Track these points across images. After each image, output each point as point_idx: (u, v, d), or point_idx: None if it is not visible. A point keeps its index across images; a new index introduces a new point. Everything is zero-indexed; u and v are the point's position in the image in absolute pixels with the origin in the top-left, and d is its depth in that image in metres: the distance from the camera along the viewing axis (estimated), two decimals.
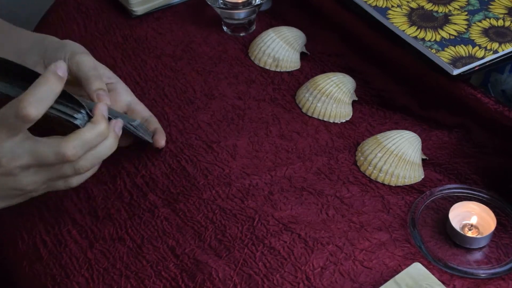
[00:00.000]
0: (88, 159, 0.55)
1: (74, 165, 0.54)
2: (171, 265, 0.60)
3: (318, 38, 0.85)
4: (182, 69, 0.81)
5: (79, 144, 0.53)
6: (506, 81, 0.75)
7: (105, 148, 0.56)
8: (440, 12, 0.76)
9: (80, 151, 0.54)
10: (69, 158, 0.53)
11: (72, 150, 0.53)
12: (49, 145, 0.52)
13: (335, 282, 0.57)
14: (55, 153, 0.52)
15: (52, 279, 0.59)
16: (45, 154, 0.52)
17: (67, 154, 0.52)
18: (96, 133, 0.54)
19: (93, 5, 0.93)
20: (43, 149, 0.52)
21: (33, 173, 0.54)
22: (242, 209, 0.64)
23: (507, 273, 0.57)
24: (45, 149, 0.52)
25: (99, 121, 0.55)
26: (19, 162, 0.52)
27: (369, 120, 0.74)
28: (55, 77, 0.51)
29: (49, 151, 0.52)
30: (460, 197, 0.64)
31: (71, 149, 0.53)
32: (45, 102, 0.51)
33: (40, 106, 0.50)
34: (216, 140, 0.71)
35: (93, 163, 0.56)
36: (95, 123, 0.55)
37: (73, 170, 0.55)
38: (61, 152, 0.52)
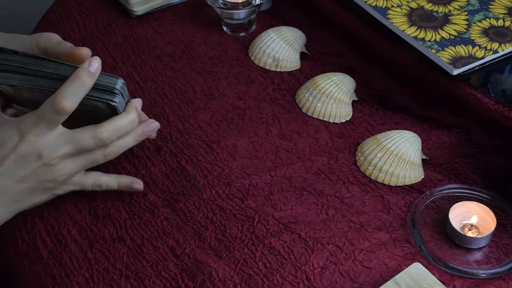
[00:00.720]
0: (116, 146, 0.62)
1: (104, 151, 0.61)
2: (171, 265, 0.60)
3: (318, 38, 0.85)
4: (182, 69, 0.81)
5: (113, 129, 0.60)
6: (506, 81, 0.75)
7: (130, 139, 0.63)
8: (440, 12, 0.76)
9: (114, 135, 0.60)
10: (104, 140, 0.60)
11: (107, 134, 0.60)
12: (87, 131, 0.59)
13: (335, 282, 0.57)
14: (92, 137, 0.59)
15: (52, 279, 0.59)
16: (84, 139, 0.59)
17: (103, 137, 0.59)
18: (128, 122, 0.61)
19: (93, 5, 0.93)
20: (82, 136, 0.59)
21: (70, 162, 0.60)
22: (242, 209, 0.64)
23: (507, 273, 0.57)
24: (83, 135, 0.59)
25: (132, 111, 0.62)
26: (60, 152, 0.58)
27: (369, 120, 0.74)
28: (87, 74, 0.58)
29: (87, 136, 0.59)
30: (460, 197, 0.64)
31: (106, 132, 0.59)
32: (78, 96, 0.57)
33: (74, 99, 0.57)
34: (216, 140, 0.71)
35: (120, 151, 0.62)
36: (128, 112, 0.61)
37: (102, 156, 0.61)
38: (98, 136, 0.59)
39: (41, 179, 0.59)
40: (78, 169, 0.61)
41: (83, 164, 0.61)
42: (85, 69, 0.58)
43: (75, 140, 0.59)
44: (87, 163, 0.61)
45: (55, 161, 0.58)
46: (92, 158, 0.61)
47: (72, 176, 0.61)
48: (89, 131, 0.59)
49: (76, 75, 0.57)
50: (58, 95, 0.57)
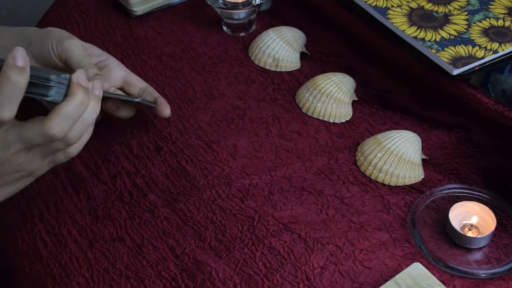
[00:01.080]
0: (76, 129, 0.54)
1: (64, 139, 0.54)
2: (171, 265, 0.60)
3: (318, 38, 0.85)
4: (182, 69, 0.81)
5: (62, 120, 0.52)
6: (506, 81, 0.75)
7: (89, 114, 0.55)
8: (440, 12, 0.76)
9: (66, 126, 0.52)
10: (56, 136, 0.52)
11: (57, 128, 0.52)
12: (33, 128, 0.51)
13: (335, 282, 0.57)
14: (41, 135, 0.52)
15: (52, 279, 0.59)
16: (32, 137, 0.52)
17: (53, 134, 0.52)
18: (75, 105, 0.53)
19: (93, 5, 0.93)
20: (29, 134, 0.51)
21: (28, 155, 0.53)
22: (242, 209, 0.64)
23: (507, 273, 0.57)
24: (31, 133, 0.51)
25: (75, 91, 0.53)
26: (11, 150, 0.52)
27: (369, 120, 0.74)
28: (15, 71, 0.49)
29: (35, 134, 0.52)
30: (460, 197, 0.64)
31: (55, 127, 0.52)
32: (15, 99, 0.49)
33: (11, 105, 0.49)
34: (216, 140, 0.71)
35: (81, 131, 0.55)
36: (72, 94, 0.53)
37: (63, 144, 0.54)
38: (47, 133, 0.51)
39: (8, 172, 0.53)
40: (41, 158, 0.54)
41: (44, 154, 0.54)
42: (12, 66, 0.49)
43: (23, 139, 0.52)
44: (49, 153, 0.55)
45: (12, 158, 0.52)
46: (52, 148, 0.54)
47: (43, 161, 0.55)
48: (37, 129, 0.52)
49: (4, 77, 0.49)
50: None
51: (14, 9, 1.60)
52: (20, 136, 0.52)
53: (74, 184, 0.67)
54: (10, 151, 0.52)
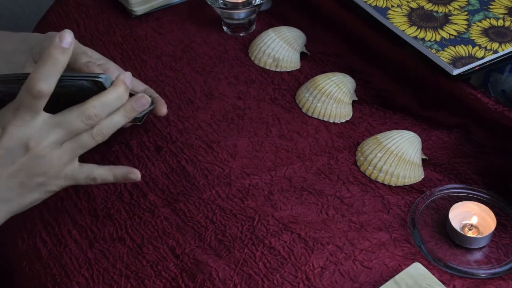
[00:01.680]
0: (104, 125, 0.57)
1: (91, 131, 0.56)
2: (171, 265, 0.60)
3: (318, 38, 0.85)
4: (182, 69, 0.81)
5: (100, 104, 0.55)
6: (506, 81, 0.75)
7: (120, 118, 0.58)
8: (440, 12, 0.76)
9: (101, 112, 0.56)
10: (92, 118, 0.55)
11: (94, 110, 0.55)
12: (72, 111, 0.55)
13: (335, 282, 0.57)
14: (78, 115, 0.55)
15: (52, 279, 0.59)
16: (71, 119, 0.55)
17: (90, 114, 0.55)
18: (116, 96, 0.56)
19: (93, 5, 0.93)
20: (67, 117, 0.55)
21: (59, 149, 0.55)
22: (242, 209, 0.64)
23: (507, 273, 0.57)
24: (69, 116, 0.55)
25: (120, 85, 0.57)
26: (48, 139, 0.54)
27: (369, 120, 0.74)
28: (59, 50, 0.53)
29: (74, 116, 0.55)
30: (460, 197, 0.64)
31: (93, 109, 0.55)
32: (54, 76, 0.53)
33: (50, 79, 0.53)
34: (216, 140, 0.71)
35: (109, 130, 0.58)
36: (116, 85, 0.57)
37: (91, 137, 0.56)
38: (85, 113, 0.55)
39: (31, 173, 0.55)
40: (68, 157, 0.57)
41: (73, 149, 0.57)
42: (57, 46, 0.53)
43: (62, 122, 0.55)
44: (76, 148, 0.57)
45: (45, 151, 0.54)
46: (80, 141, 0.56)
47: (64, 167, 0.57)
48: (75, 111, 0.55)
49: (48, 54, 0.53)
50: (32, 78, 0.52)
51: (14, 9, 1.61)
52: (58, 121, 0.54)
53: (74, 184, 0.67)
54: (46, 142, 0.54)
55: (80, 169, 0.59)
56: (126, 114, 0.58)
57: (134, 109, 0.59)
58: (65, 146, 0.56)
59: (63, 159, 0.56)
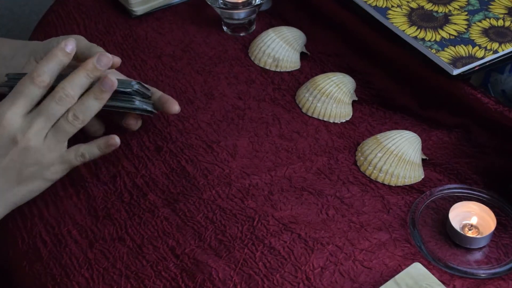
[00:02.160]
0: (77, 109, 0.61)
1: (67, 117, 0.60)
2: (171, 265, 0.60)
3: (318, 38, 0.85)
4: (182, 69, 0.81)
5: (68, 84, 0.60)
6: (506, 81, 0.75)
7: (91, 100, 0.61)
8: (440, 12, 0.76)
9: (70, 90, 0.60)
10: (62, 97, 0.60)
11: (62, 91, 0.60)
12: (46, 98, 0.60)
13: (335, 282, 0.57)
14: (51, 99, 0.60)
15: (52, 279, 0.59)
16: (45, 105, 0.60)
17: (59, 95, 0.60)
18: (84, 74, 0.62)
19: (93, 5, 0.93)
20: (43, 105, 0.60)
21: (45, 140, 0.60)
22: (242, 209, 0.64)
23: (507, 273, 0.57)
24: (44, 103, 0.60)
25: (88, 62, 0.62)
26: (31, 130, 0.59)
27: (369, 120, 0.74)
28: (62, 52, 0.61)
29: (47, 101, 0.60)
30: (460, 197, 0.64)
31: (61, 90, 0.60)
32: (54, 72, 0.60)
33: (50, 74, 0.60)
34: (216, 140, 0.71)
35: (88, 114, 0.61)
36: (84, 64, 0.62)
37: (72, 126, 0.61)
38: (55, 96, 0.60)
39: (24, 164, 0.59)
40: (54, 144, 0.61)
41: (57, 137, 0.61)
42: (61, 48, 0.61)
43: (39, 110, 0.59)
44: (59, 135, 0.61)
45: (31, 141, 0.59)
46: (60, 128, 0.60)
47: (54, 153, 0.61)
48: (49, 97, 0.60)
49: (52, 53, 0.61)
50: (37, 69, 0.59)
51: (15, 9, 1.61)
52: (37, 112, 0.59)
53: (74, 184, 0.67)
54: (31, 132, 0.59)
55: (68, 151, 0.63)
56: (96, 96, 0.62)
57: (102, 90, 0.62)
58: (49, 135, 0.60)
59: (50, 146, 0.60)
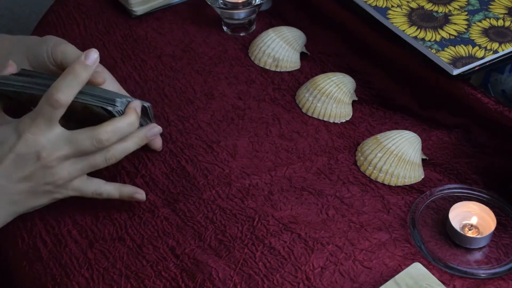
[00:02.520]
0: (117, 149, 0.61)
1: (105, 154, 0.60)
2: (171, 265, 0.60)
3: (318, 38, 0.85)
4: (182, 69, 0.81)
5: (112, 130, 0.59)
6: (506, 81, 0.75)
7: (132, 143, 0.62)
8: (440, 12, 0.76)
9: (113, 136, 0.59)
10: (102, 142, 0.58)
11: (105, 135, 0.58)
12: (85, 132, 0.58)
13: (335, 282, 0.57)
14: (90, 138, 0.58)
15: (52, 279, 0.59)
16: (82, 140, 0.58)
17: (101, 138, 0.58)
18: (128, 123, 0.60)
19: (93, 5, 0.93)
20: (80, 136, 0.58)
21: (69, 165, 0.59)
22: (242, 209, 0.64)
23: (507, 273, 0.57)
24: (81, 136, 0.58)
25: (132, 113, 0.60)
26: (58, 153, 0.57)
27: (369, 120, 0.74)
28: (81, 66, 0.57)
29: (86, 137, 0.58)
30: (460, 197, 0.64)
31: (105, 133, 0.58)
32: (73, 88, 0.57)
33: (68, 91, 0.57)
34: (216, 140, 0.71)
35: (121, 154, 0.61)
36: (128, 114, 0.60)
37: (103, 160, 0.60)
38: (96, 137, 0.58)
39: (40, 181, 0.58)
40: (77, 173, 0.60)
41: (83, 167, 0.60)
42: (81, 62, 0.58)
43: (73, 141, 0.58)
44: (87, 167, 0.60)
45: (54, 162, 0.58)
46: (92, 162, 0.60)
47: (72, 180, 0.60)
48: (87, 132, 0.58)
49: (71, 68, 0.57)
50: (52, 88, 0.56)
51: (14, 9, 1.61)
52: (69, 138, 0.58)
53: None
54: (57, 154, 0.57)
55: (88, 183, 0.62)
56: (138, 142, 0.63)
57: (147, 137, 0.64)
58: (76, 163, 0.59)
59: (72, 173, 0.59)
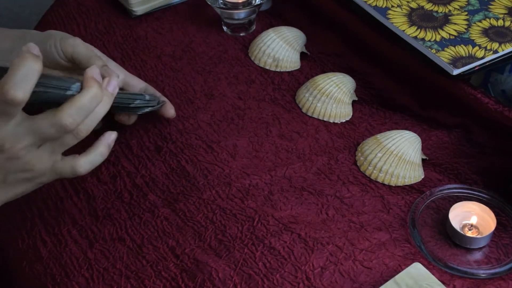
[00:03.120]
0: (87, 124, 0.55)
1: (75, 133, 0.54)
2: (171, 265, 0.60)
3: (318, 38, 0.85)
4: (182, 69, 0.81)
5: (75, 112, 0.53)
6: (506, 81, 0.75)
7: (101, 109, 0.56)
8: (440, 12, 0.76)
9: (78, 118, 0.53)
10: (67, 127, 0.53)
11: (69, 119, 0.52)
12: (46, 119, 0.52)
13: (335, 282, 0.57)
14: (54, 125, 0.52)
15: (52, 279, 0.59)
16: (45, 128, 0.52)
17: (65, 124, 0.52)
18: (89, 97, 0.54)
19: (93, 5, 0.93)
20: (41, 124, 0.52)
21: (38, 151, 0.54)
22: (242, 209, 0.64)
23: (507, 273, 0.57)
24: (43, 124, 0.52)
25: (91, 85, 0.54)
26: (22, 143, 0.52)
27: (369, 120, 0.74)
28: (32, 56, 0.50)
29: (48, 125, 0.52)
30: (460, 197, 0.64)
31: (68, 118, 0.52)
32: (29, 81, 0.50)
33: (25, 86, 0.50)
34: (216, 140, 0.71)
35: (92, 125, 0.55)
36: (86, 87, 0.54)
37: (74, 138, 0.55)
38: (58, 123, 0.52)
39: (12, 171, 0.53)
40: (48, 155, 0.55)
41: (54, 150, 0.55)
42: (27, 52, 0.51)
43: (36, 130, 0.52)
44: (58, 148, 0.55)
45: (21, 152, 0.52)
46: (62, 143, 0.55)
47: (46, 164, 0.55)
48: (48, 118, 0.52)
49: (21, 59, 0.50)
50: (5, 84, 0.49)
51: (14, 9, 1.60)
52: (31, 128, 0.52)
53: (74, 184, 0.67)
54: (21, 145, 0.52)
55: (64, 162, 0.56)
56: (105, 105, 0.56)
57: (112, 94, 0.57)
58: (45, 148, 0.54)
59: (42, 158, 0.54)
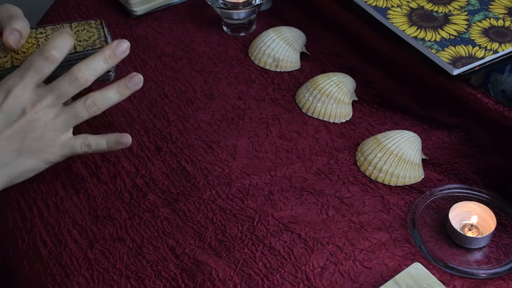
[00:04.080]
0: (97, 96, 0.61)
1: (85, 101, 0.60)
2: (171, 265, 0.60)
3: (318, 38, 0.85)
4: (182, 69, 0.81)
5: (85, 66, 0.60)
6: (506, 81, 0.75)
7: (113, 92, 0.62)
8: (440, 12, 0.76)
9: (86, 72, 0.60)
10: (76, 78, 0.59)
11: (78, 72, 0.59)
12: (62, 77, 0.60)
13: (335, 282, 0.57)
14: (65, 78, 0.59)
15: (52, 279, 0.59)
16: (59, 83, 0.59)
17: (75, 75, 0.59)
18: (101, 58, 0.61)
19: (93, 5, 0.93)
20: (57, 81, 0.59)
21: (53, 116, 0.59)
22: (242, 209, 0.64)
23: (507, 273, 0.57)
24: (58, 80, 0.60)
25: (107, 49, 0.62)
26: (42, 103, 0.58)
27: (369, 120, 0.74)
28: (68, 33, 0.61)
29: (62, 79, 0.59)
30: (460, 197, 0.64)
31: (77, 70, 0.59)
32: (65, 48, 0.60)
33: (61, 50, 0.59)
34: (216, 140, 0.71)
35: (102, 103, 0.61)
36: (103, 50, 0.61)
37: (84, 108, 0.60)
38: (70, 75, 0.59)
39: (28, 137, 0.58)
40: (62, 125, 0.60)
41: (67, 118, 0.60)
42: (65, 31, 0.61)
43: (53, 87, 0.59)
44: (71, 118, 0.60)
45: (39, 114, 0.58)
46: (74, 111, 0.60)
47: (59, 134, 0.60)
48: (64, 75, 0.60)
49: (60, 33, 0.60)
50: (48, 44, 0.59)
51: None
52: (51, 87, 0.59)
53: (74, 184, 0.67)
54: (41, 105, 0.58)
55: (75, 138, 0.62)
56: (119, 91, 0.62)
57: (127, 87, 0.62)
58: (60, 114, 0.60)
59: (57, 126, 0.60)
